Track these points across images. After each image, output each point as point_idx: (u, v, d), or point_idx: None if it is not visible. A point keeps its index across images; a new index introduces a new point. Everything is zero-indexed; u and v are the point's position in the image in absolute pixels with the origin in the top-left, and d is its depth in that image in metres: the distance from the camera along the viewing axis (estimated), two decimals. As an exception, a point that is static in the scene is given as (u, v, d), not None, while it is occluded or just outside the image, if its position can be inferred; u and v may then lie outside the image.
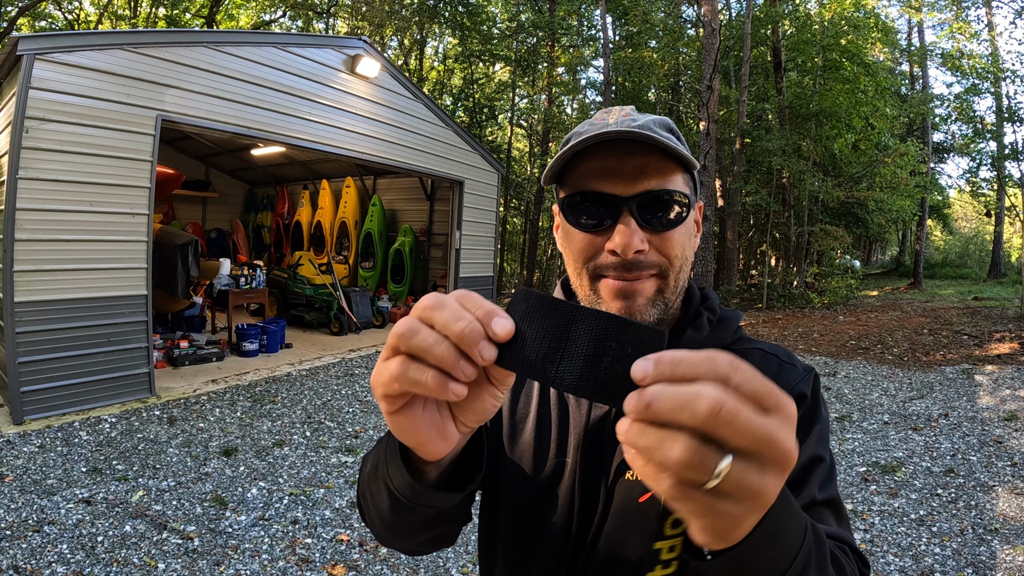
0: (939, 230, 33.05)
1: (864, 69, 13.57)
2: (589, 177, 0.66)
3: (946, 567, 2.93)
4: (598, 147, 0.65)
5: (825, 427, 0.68)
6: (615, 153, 0.65)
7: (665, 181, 0.65)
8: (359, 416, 5.19)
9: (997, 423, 5.16)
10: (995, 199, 16.99)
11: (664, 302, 0.68)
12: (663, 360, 0.31)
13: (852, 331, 9.82)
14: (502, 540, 0.75)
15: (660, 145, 0.63)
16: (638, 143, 0.64)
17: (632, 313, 0.66)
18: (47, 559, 2.69)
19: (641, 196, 0.64)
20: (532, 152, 19.08)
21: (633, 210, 0.64)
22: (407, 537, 0.60)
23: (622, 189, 0.65)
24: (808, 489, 0.62)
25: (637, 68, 15.33)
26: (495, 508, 0.76)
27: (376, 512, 0.58)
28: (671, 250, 0.67)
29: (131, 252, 5.03)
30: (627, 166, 0.64)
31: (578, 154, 0.67)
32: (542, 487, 0.72)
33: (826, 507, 0.63)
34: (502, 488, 0.75)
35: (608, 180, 0.65)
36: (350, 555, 2.94)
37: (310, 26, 18.36)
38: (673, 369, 0.31)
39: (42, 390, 4.55)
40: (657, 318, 0.68)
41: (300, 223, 11.84)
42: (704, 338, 0.72)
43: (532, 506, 0.72)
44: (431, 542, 0.63)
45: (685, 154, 0.64)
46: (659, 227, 0.66)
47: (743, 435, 0.29)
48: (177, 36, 5.69)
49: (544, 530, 0.71)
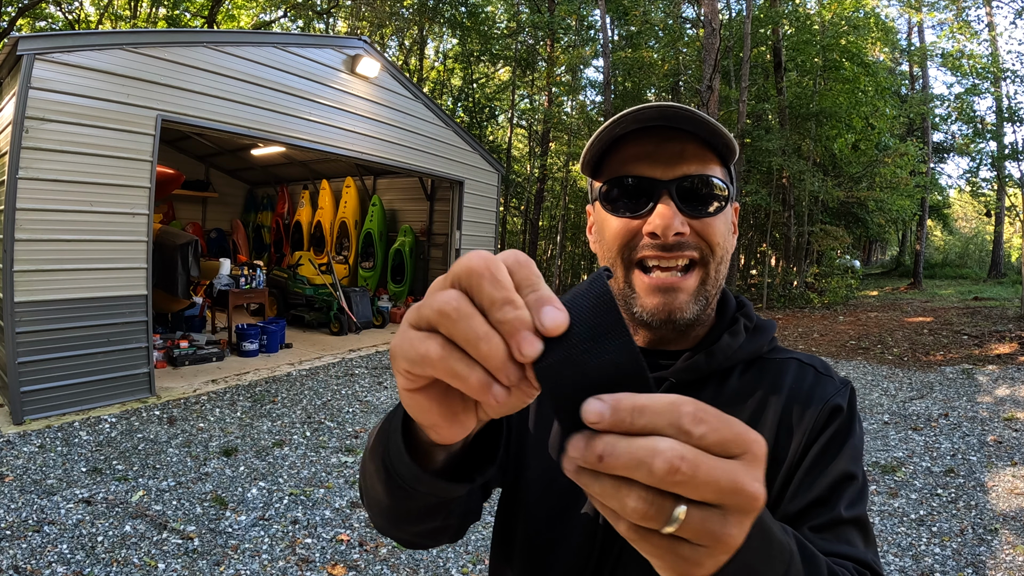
0: (939, 230, 33.06)
1: (864, 69, 13.58)
2: (627, 162, 0.65)
3: (946, 567, 2.93)
4: (637, 133, 0.64)
5: (859, 443, 0.66)
6: (654, 139, 0.64)
7: (704, 168, 0.64)
8: (359, 416, 5.19)
9: (997, 423, 5.16)
10: (995, 199, 17.00)
11: (706, 296, 0.66)
12: (622, 406, 0.28)
13: (852, 331, 9.83)
14: (519, 548, 0.72)
15: (702, 123, 0.61)
16: (677, 130, 0.63)
17: (672, 311, 0.64)
18: (47, 559, 2.69)
19: (681, 180, 0.63)
20: (532, 152, 19.09)
21: (672, 193, 0.63)
22: (405, 525, 0.55)
23: (661, 172, 0.63)
24: (836, 507, 0.60)
25: (637, 68, 15.34)
26: (514, 513, 0.73)
27: (373, 493, 0.53)
28: (713, 236, 0.64)
29: (131, 252, 5.03)
30: (666, 151, 0.63)
31: (615, 142, 0.66)
32: (566, 496, 0.68)
33: (853, 526, 0.60)
34: (523, 492, 0.71)
35: (647, 164, 0.64)
36: (350, 555, 2.94)
37: (310, 26, 18.36)
38: (632, 419, 0.27)
39: (42, 390, 4.55)
40: (696, 315, 0.66)
41: (300, 223, 11.85)
42: (740, 345, 0.70)
43: (554, 515, 0.69)
44: (431, 533, 0.59)
45: (726, 134, 0.63)
46: (699, 214, 0.64)
47: (703, 489, 0.27)
48: (177, 36, 5.69)
49: (565, 541, 0.68)
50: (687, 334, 0.72)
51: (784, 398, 0.68)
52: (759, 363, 0.72)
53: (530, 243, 17.14)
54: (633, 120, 0.62)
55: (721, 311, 0.74)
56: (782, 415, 0.67)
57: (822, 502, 0.61)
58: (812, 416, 0.66)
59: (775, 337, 0.75)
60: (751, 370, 0.71)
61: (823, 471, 0.62)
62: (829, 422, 0.65)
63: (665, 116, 0.61)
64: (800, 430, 0.65)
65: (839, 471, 0.62)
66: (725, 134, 0.63)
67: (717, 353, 0.68)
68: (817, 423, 0.65)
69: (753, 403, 0.68)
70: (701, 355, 0.68)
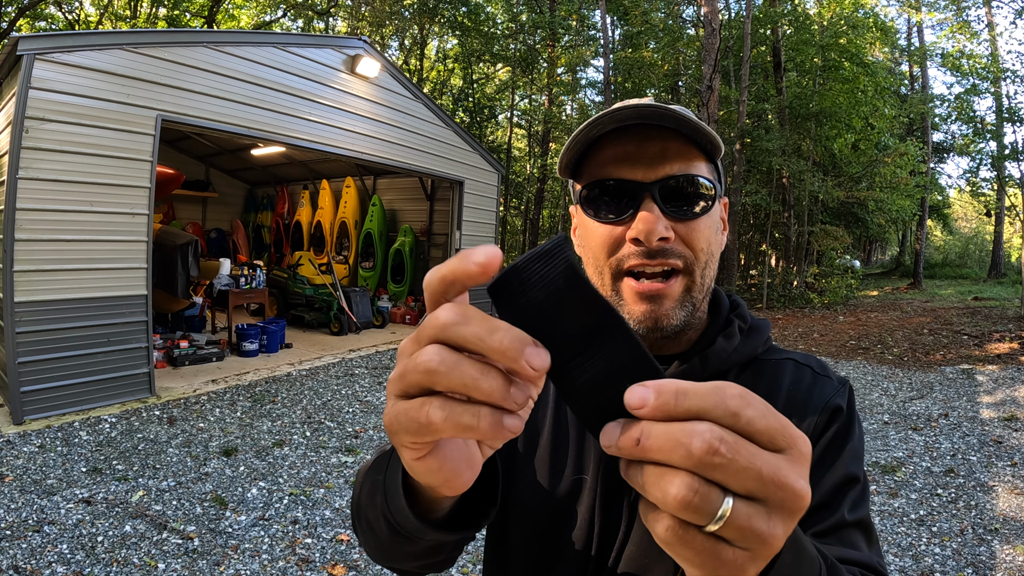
0: (939, 230, 33.05)
1: (863, 69, 13.58)
2: (606, 165, 0.62)
3: (946, 567, 2.93)
4: (616, 133, 0.62)
5: (859, 444, 0.65)
6: (634, 139, 0.61)
7: (688, 166, 0.62)
8: (359, 416, 5.19)
9: (997, 423, 5.16)
10: (995, 199, 17.00)
11: (692, 303, 0.64)
12: (665, 390, 0.27)
13: (852, 331, 9.83)
14: (515, 561, 0.71)
15: (682, 120, 0.59)
16: (657, 127, 0.60)
17: (659, 318, 0.62)
18: (47, 559, 2.69)
19: (663, 181, 0.61)
20: (532, 152, 19.09)
21: (655, 196, 0.60)
22: (402, 562, 0.55)
23: (642, 175, 0.61)
24: (839, 510, 0.60)
25: (637, 68, 15.34)
26: (506, 526, 0.71)
27: (372, 537, 0.53)
28: (697, 241, 0.62)
29: (131, 252, 5.03)
30: (647, 151, 0.61)
31: (594, 143, 0.63)
32: (559, 506, 0.67)
33: (857, 529, 0.59)
34: (515, 506, 0.70)
35: (627, 166, 0.61)
36: (350, 555, 2.94)
37: (310, 26, 18.37)
38: (676, 402, 0.27)
39: (42, 390, 4.55)
40: (684, 321, 0.64)
41: (300, 223, 11.84)
42: (735, 348, 0.68)
43: (548, 526, 0.68)
44: (429, 566, 0.58)
45: (709, 131, 0.60)
46: (684, 216, 0.62)
47: (744, 477, 0.26)
48: (177, 36, 5.68)
49: (562, 552, 0.67)
50: (679, 338, 0.70)
51: (782, 401, 0.67)
52: (755, 365, 0.71)
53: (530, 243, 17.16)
54: (610, 120, 0.59)
55: (714, 312, 0.73)
56: None
57: (825, 505, 0.60)
58: (812, 418, 0.65)
59: (770, 337, 0.74)
60: (747, 372, 0.70)
61: (825, 474, 0.62)
62: (829, 424, 0.65)
63: (643, 115, 0.59)
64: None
65: (841, 474, 0.62)
66: (707, 130, 0.60)
67: (712, 357, 0.67)
68: (817, 425, 0.65)
69: None
70: (696, 360, 0.67)
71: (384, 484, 0.46)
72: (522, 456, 0.71)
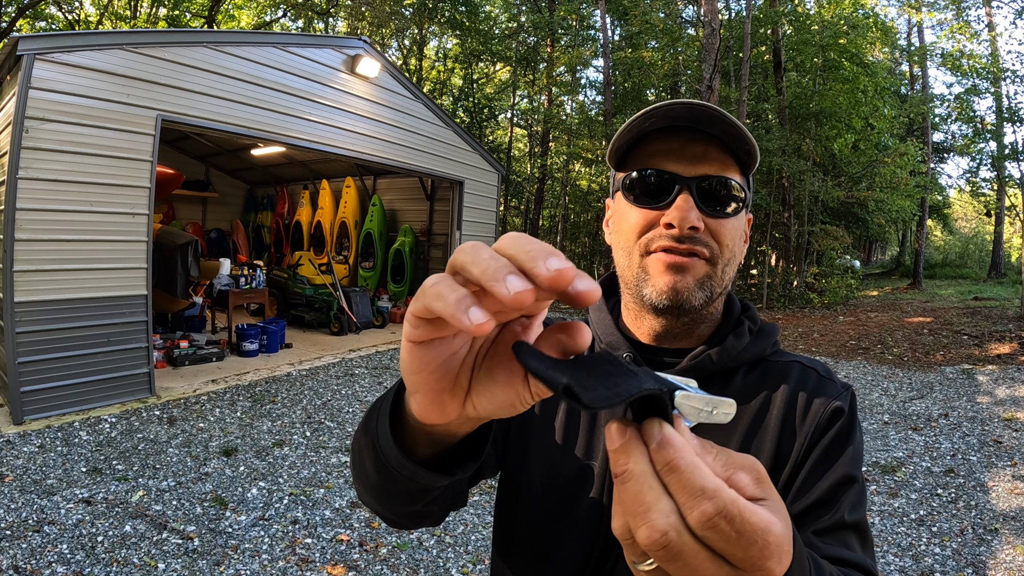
0: (939, 230, 33.06)
1: (863, 69, 13.58)
2: (652, 156, 0.68)
3: (946, 567, 2.93)
4: (664, 131, 0.68)
5: (859, 447, 0.67)
6: (680, 138, 0.67)
7: (724, 171, 0.67)
8: (359, 416, 5.19)
9: (997, 423, 5.16)
10: (995, 199, 17.00)
11: (710, 289, 0.68)
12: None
13: (852, 331, 9.82)
14: (520, 541, 0.73)
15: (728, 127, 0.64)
16: (702, 132, 0.66)
17: (680, 291, 0.66)
18: (47, 559, 2.69)
19: (701, 179, 0.66)
20: (532, 152, 19.09)
21: (692, 189, 0.66)
22: (388, 503, 0.56)
23: (684, 169, 0.66)
24: (838, 510, 0.62)
25: (637, 68, 15.34)
26: (515, 507, 0.74)
27: (362, 467, 0.54)
28: (723, 237, 0.68)
29: (131, 252, 5.03)
30: (690, 150, 0.66)
31: (643, 137, 0.69)
32: (567, 491, 0.70)
33: (853, 530, 0.62)
34: (525, 486, 0.73)
35: (671, 160, 0.67)
36: (350, 555, 2.94)
37: (310, 26, 18.36)
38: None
39: (42, 390, 4.55)
40: (702, 304, 0.68)
41: (300, 223, 11.84)
42: (744, 347, 0.72)
43: (555, 510, 0.70)
44: (412, 516, 0.60)
45: (750, 139, 0.66)
46: (715, 213, 0.67)
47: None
48: (177, 36, 5.68)
49: (567, 536, 0.69)
50: (692, 332, 0.73)
51: (787, 399, 0.69)
52: (763, 365, 0.74)
53: (530, 243, 17.11)
54: (663, 117, 0.65)
55: (727, 313, 0.77)
56: (785, 416, 0.68)
57: (824, 504, 0.62)
58: (814, 418, 0.67)
59: (778, 340, 0.77)
60: (755, 371, 0.73)
61: (825, 473, 0.64)
62: (831, 424, 0.67)
63: (694, 116, 0.64)
64: (803, 431, 0.67)
65: (840, 474, 0.63)
66: (749, 140, 0.66)
67: (723, 352, 0.70)
68: (819, 425, 0.67)
69: (757, 403, 0.70)
70: (709, 352, 0.70)
71: (377, 408, 0.50)
72: (536, 438, 0.74)
